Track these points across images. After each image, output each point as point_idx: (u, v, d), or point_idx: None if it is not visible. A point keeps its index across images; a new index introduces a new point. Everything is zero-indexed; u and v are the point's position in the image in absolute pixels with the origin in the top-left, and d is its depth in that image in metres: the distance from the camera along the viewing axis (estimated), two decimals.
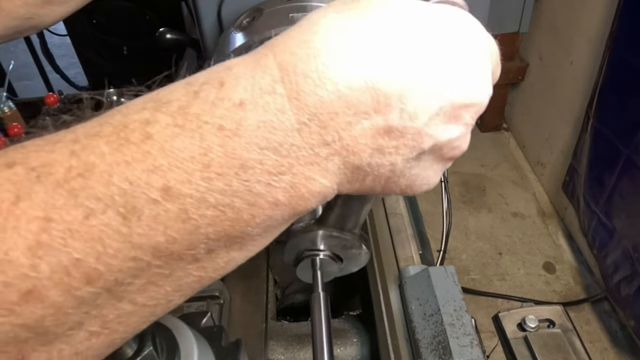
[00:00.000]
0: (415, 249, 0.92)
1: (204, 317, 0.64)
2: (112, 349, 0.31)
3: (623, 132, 1.99)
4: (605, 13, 2.17)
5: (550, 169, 2.90)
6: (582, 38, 2.40)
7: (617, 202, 2.09)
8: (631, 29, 1.89)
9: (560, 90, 2.67)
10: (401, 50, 0.32)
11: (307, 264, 0.66)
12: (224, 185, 0.29)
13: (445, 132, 0.36)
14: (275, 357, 0.89)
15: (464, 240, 2.74)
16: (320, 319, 0.59)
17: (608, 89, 2.07)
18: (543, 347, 0.80)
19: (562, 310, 0.86)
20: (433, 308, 0.75)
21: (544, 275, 2.56)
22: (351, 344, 0.91)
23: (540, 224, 2.82)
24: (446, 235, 1.41)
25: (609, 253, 2.18)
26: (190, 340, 0.48)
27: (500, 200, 2.98)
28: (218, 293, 0.78)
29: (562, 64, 2.63)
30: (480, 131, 3.46)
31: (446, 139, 0.37)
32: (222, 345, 0.54)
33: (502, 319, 0.85)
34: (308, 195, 0.32)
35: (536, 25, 2.82)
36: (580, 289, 2.48)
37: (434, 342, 0.72)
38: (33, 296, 0.25)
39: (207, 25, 0.99)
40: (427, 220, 2.77)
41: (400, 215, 1.00)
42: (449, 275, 0.78)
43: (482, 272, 2.58)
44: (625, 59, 1.93)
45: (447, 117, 0.35)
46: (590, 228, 2.31)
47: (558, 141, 2.75)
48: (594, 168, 2.22)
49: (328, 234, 0.60)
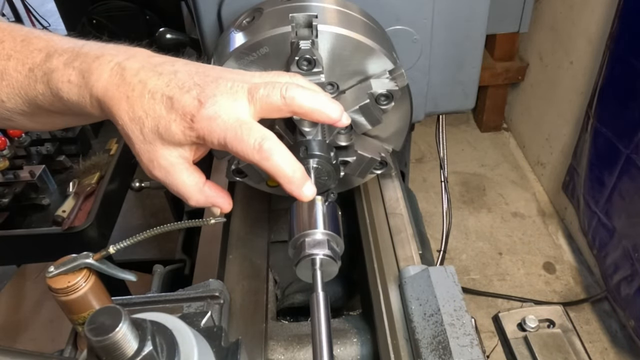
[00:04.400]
0: (415, 249, 0.92)
1: (204, 317, 0.64)
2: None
3: (623, 132, 1.99)
4: (605, 13, 2.17)
5: (550, 169, 2.90)
6: (582, 38, 2.40)
7: (617, 202, 2.09)
8: (631, 29, 1.89)
9: (560, 90, 2.67)
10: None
11: (307, 264, 0.66)
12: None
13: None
14: (275, 357, 0.89)
15: (464, 240, 2.74)
16: (320, 319, 0.59)
17: (608, 89, 2.07)
18: (543, 347, 0.80)
19: (562, 310, 0.86)
20: (433, 308, 0.75)
21: (544, 275, 2.56)
22: (351, 344, 0.91)
23: (540, 224, 2.82)
24: (446, 235, 1.41)
25: (609, 253, 2.18)
26: (190, 340, 0.48)
27: (500, 200, 2.98)
28: (218, 293, 0.78)
29: (562, 64, 2.63)
30: (480, 131, 3.46)
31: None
32: (222, 345, 0.54)
33: (502, 319, 0.85)
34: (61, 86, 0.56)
35: (536, 25, 2.81)
36: (580, 289, 2.48)
37: (434, 342, 0.72)
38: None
39: (207, 25, 0.99)
40: (427, 220, 2.78)
41: (400, 215, 1.00)
42: (449, 275, 0.78)
43: (482, 272, 2.58)
44: (625, 59, 1.93)
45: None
46: (590, 228, 2.31)
47: (558, 141, 2.75)
48: (594, 168, 2.22)
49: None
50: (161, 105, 0.54)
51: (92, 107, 0.56)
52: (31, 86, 0.57)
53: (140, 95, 0.54)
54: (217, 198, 0.62)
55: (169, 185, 0.59)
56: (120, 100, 0.54)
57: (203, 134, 0.54)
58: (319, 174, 0.77)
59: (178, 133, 0.54)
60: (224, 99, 0.54)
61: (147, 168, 0.58)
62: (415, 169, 3.12)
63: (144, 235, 0.62)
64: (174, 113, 0.54)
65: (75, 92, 0.56)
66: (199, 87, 0.54)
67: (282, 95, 0.55)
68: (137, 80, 0.54)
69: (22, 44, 0.58)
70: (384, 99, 0.81)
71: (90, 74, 0.55)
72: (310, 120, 0.62)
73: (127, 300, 0.78)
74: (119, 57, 0.56)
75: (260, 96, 0.55)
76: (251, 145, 0.53)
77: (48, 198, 1.57)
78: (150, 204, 3.04)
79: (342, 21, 0.82)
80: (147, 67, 0.55)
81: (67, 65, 0.56)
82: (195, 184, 0.59)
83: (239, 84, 0.56)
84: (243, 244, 1.04)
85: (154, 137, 0.55)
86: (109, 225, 1.56)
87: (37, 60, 0.57)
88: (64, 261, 0.62)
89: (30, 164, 1.63)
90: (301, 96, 0.56)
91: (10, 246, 1.50)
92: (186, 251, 1.96)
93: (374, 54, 0.81)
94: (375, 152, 0.89)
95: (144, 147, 0.56)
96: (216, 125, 0.53)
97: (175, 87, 0.54)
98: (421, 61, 1.05)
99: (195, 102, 0.53)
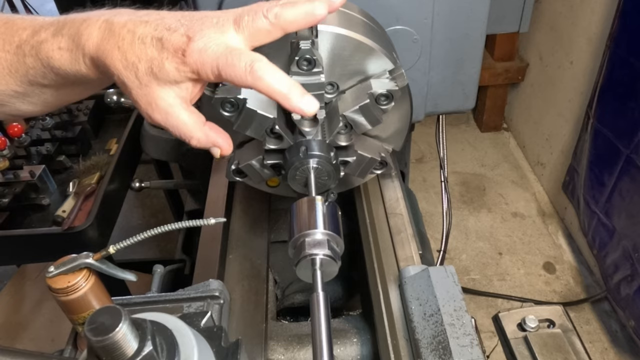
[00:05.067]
0: (415, 249, 0.92)
1: (204, 317, 0.64)
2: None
3: (623, 132, 1.99)
4: (605, 13, 2.17)
5: (550, 169, 2.90)
6: (582, 38, 2.40)
7: (617, 202, 2.09)
8: (631, 29, 1.89)
9: (560, 90, 2.67)
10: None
11: (307, 264, 0.66)
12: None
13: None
14: (275, 357, 0.89)
15: (464, 240, 2.74)
16: (320, 319, 0.59)
17: (608, 89, 2.07)
18: (543, 347, 0.80)
19: (562, 310, 0.86)
20: (433, 308, 0.75)
21: (544, 275, 2.56)
22: (351, 344, 0.91)
23: (540, 224, 2.82)
24: (446, 235, 1.41)
25: (609, 253, 2.18)
26: (190, 340, 0.48)
27: (500, 200, 2.98)
28: (218, 293, 0.78)
29: (562, 64, 2.63)
30: (480, 131, 3.46)
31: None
32: (222, 345, 0.54)
33: (502, 319, 0.85)
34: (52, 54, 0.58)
35: (536, 25, 2.81)
36: (580, 289, 2.48)
37: (434, 342, 0.72)
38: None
39: None
40: (427, 220, 2.78)
41: (400, 215, 1.00)
42: (449, 275, 0.78)
43: (482, 272, 2.58)
44: (625, 59, 1.93)
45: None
46: (590, 228, 2.31)
47: (558, 141, 2.75)
48: (594, 168, 2.22)
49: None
50: (152, 47, 0.56)
51: (86, 68, 0.58)
52: (20, 62, 0.59)
53: (131, 42, 0.56)
54: (217, 138, 0.63)
55: (169, 126, 0.60)
56: (112, 51, 0.56)
57: (197, 67, 0.56)
58: (319, 174, 0.77)
59: (172, 70, 0.56)
60: (211, 32, 0.56)
61: (146, 112, 0.59)
62: (415, 169, 3.13)
63: (144, 235, 0.62)
64: (165, 52, 0.55)
65: (67, 57, 0.57)
66: (185, 26, 0.56)
67: (265, 16, 0.57)
68: (126, 30, 0.56)
69: (5, 26, 0.60)
70: (384, 99, 0.81)
71: (80, 36, 0.57)
72: (301, 28, 0.62)
73: (127, 300, 0.78)
74: (105, 16, 0.58)
75: (246, 23, 0.57)
76: (242, 68, 0.55)
77: (48, 198, 1.57)
78: (150, 204, 3.04)
79: (342, 21, 0.82)
80: (134, 19, 0.57)
81: (56, 34, 0.58)
82: (195, 122, 0.61)
83: (224, 16, 0.58)
84: (243, 244, 1.04)
85: (149, 78, 0.56)
86: (109, 225, 1.56)
87: (23, 37, 0.59)
88: (64, 261, 0.62)
89: (30, 164, 1.63)
90: (284, 11, 0.58)
91: (10, 246, 1.50)
92: (186, 251, 1.95)
93: (374, 54, 0.81)
94: (375, 152, 0.89)
95: (140, 91, 0.57)
96: (207, 56, 0.55)
97: (163, 29, 0.56)
98: (421, 61, 1.05)
99: (184, 39, 0.55)
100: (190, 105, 0.60)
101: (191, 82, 0.58)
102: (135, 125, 1.71)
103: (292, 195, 0.88)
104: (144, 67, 0.56)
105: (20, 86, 0.61)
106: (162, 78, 0.56)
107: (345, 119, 0.81)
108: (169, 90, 0.58)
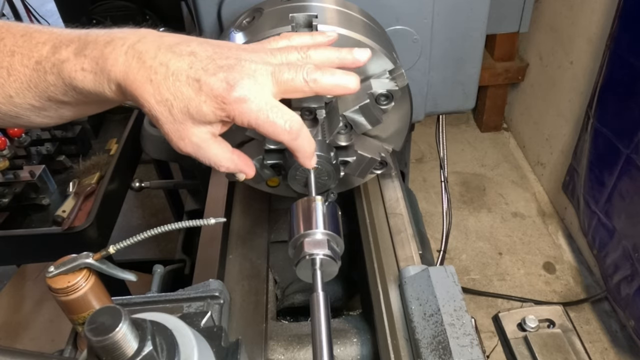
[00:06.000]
0: (415, 249, 0.92)
1: (204, 317, 0.64)
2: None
3: (623, 132, 1.99)
4: (605, 13, 2.17)
5: (550, 169, 2.90)
6: (582, 38, 2.40)
7: (617, 202, 2.09)
8: (631, 29, 1.89)
9: (560, 90, 2.67)
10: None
11: (307, 264, 0.66)
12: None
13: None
14: (275, 357, 0.89)
15: (464, 240, 2.74)
16: (320, 319, 0.59)
17: (608, 89, 2.07)
18: (543, 347, 0.80)
19: (562, 310, 0.86)
20: (433, 308, 0.75)
21: (544, 275, 2.56)
22: (351, 344, 0.91)
23: (540, 224, 2.82)
24: (446, 235, 1.41)
25: (609, 253, 2.18)
26: (190, 340, 0.48)
27: (500, 200, 2.98)
28: (218, 293, 0.78)
29: (562, 64, 2.63)
30: (480, 131, 3.46)
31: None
32: (222, 345, 0.54)
33: (502, 319, 0.85)
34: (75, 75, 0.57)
35: (536, 25, 2.81)
36: (580, 289, 2.48)
37: (434, 342, 0.71)
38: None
39: (207, 25, 0.99)
40: (427, 220, 2.78)
41: (400, 215, 1.00)
42: (449, 275, 0.78)
43: (482, 272, 2.58)
44: (625, 59, 1.93)
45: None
46: (590, 228, 2.31)
47: (558, 141, 2.75)
48: (594, 168, 2.22)
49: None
50: (188, 87, 0.56)
51: (111, 92, 0.58)
52: (41, 78, 0.58)
53: (165, 77, 0.56)
54: (243, 165, 0.66)
55: (200, 157, 0.62)
56: (144, 84, 0.56)
57: (234, 115, 0.57)
58: (319, 174, 0.77)
59: (209, 113, 0.57)
60: (251, 82, 0.57)
61: (177, 145, 0.60)
62: (415, 169, 3.13)
63: (144, 235, 0.62)
64: (203, 95, 0.56)
65: (91, 79, 0.57)
66: (223, 69, 0.56)
67: (305, 80, 0.59)
68: (158, 62, 0.56)
69: (23, 39, 0.59)
70: (384, 99, 0.81)
71: (105, 60, 0.56)
72: (331, 95, 0.67)
73: (127, 300, 0.78)
74: (130, 40, 0.57)
75: (284, 80, 0.59)
76: (282, 127, 0.58)
77: (48, 198, 1.57)
78: (150, 204, 3.04)
79: (342, 21, 0.82)
80: (164, 49, 0.57)
81: (78, 54, 0.57)
82: (224, 152, 0.63)
83: (262, 66, 0.59)
84: (243, 244, 1.04)
85: (185, 117, 0.57)
86: (109, 225, 1.56)
87: (43, 52, 0.58)
88: (64, 261, 0.62)
89: (30, 164, 1.63)
90: (324, 78, 0.60)
91: (10, 246, 1.50)
92: (186, 251, 1.95)
93: (374, 54, 0.81)
94: (375, 152, 0.89)
95: (173, 126, 0.58)
96: (247, 108, 0.56)
97: (200, 69, 0.56)
98: (421, 61, 1.05)
99: (224, 85, 0.56)
100: (219, 137, 0.62)
101: (224, 122, 0.60)
102: (135, 125, 1.71)
103: (292, 195, 0.88)
104: (179, 105, 0.56)
105: (39, 101, 0.60)
106: (198, 118, 0.57)
107: (345, 119, 0.81)
108: (202, 128, 0.59)
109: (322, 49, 0.65)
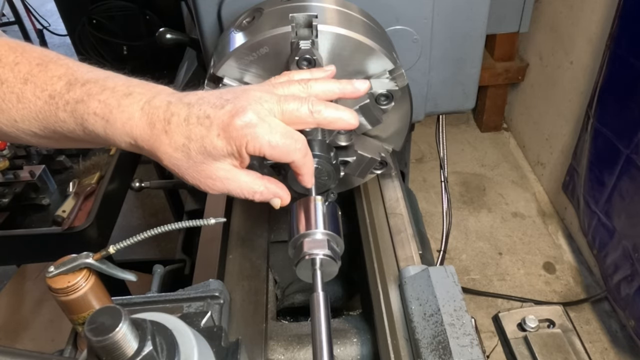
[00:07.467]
0: (415, 249, 0.92)
1: (204, 317, 0.64)
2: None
3: (623, 132, 1.99)
4: (605, 13, 2.17)
5: (550, 169, 2.90)
6: (582, 38, 2.40)
7: (617, 202, 2.09)
8: (631, 29, 1.89)
9: (560, 90, 2.67)
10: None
11: (307, 264, 0.66)
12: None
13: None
14: (275, 357, 0.89)
15: (464, 240, 2.74)
16: (320, 319, 0.59)
17: (608, 89, 2.07)
18: (543, 347, 0.80)
19: (562, 310, 0.86)
20: (433, 308, 0.75)
21: (544, 275, 2.56)
22: (351, 344, 0.91)
23: (540, 224, 2.82)
24: (446, 235, 1.41)
25: (609, 253, 2.18)
26: (190, 340, 0.48)
27: (500, 200, 2.98)
28: (218, 293, 0.78)
29: (562, 64, 2.63)
30: (480, 131, 3.46)
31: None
32: (222, 345, 0.54)
33: (502, 319, 0.85)
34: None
35: (536, 25, 2.82)
36: (580, 289, 2.48)
37: (434, 342, 0.72)
38: None
39: (207, 25, 0.99)
40: (427, 220, 2.78)
41: (400, 215, 1.00)
42: (449, 275, 0.78)
43: (482, 272, 2.58)
44: (625, 59, 1.93)
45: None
46: (590, 228, 2.31)
47: (558, 141, 2.75)
48: (594, 168, 2.22)
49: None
50: (200, 126, 0.56)
51: (122, 142, 0.58)
52: (52, 112, 0.58)
53: (177, 125, 0.56)
54: (278, 189, 0.66)
55: (231, 190, 0.62)
56: (160, 137, 0.57)
57: (246, 140, 0.57)
58: (319, 174, 0.77)
59: (224, 146, 0.57)
60: (258, 108, 0.57)
61: (207, 186, 0.61)
62: (415, 169, 3.13)
63: (144, 235, 0.62)
64: (214, 129, 0.56)
65: (102, 125, 0.57)
66: (230, 101, 0.57)
67: (310, 110, 0.60)
68: (170, 114, 0.57)
69: (38, 68, 0.59)
70: (384, 99, 0.81)
71: (121, 112, 0.57)
72: (332, 128, 0.68)
73: (127, 300, 0.78)
74: (147, 96, 0.58)
75: (290, 109, 0.59)
76: (294, 146, 0.59)
77: (48, 198, 1.57)
78: (150, 204, 3.04)
79: (342, 21, 0.82)
80: (175, 101, 0.58)
81: (93, 97, 0.57)
82: (254, 178, 0.63)
83: (267, 95, 0.59)
84: (243, 244, 1.04)
85: (204, 156, 0.58)
86: (109, 225, 1.56)
87: (57, 88, 0.58)
88: (64, 261, 0.62)
89: (30, 164, 1.63)
90: (327, 111, 0.62)
91: (10, 246, 1.50)
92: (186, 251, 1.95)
93: (374, 54, 0.81)
94: (375, 152, 0.89)
95: (196, 170, 0.59)
96: (257, 132, 0.56)
97: (208, 107, 0.57)
98: (421, 61, 1.05)
99: (232, 113, 0.56)
100: (244, 167, 0.62)
101: (241, 154, 0.60)
102: None
103: (292, 195, 0.88)
104: (196, 147, 0.57)
105: (43, 131, 0.60)
106: (215, 154, 0.57)
107: None
108: (224, 161, 0.59)
109: (323, 80, 0.66)
